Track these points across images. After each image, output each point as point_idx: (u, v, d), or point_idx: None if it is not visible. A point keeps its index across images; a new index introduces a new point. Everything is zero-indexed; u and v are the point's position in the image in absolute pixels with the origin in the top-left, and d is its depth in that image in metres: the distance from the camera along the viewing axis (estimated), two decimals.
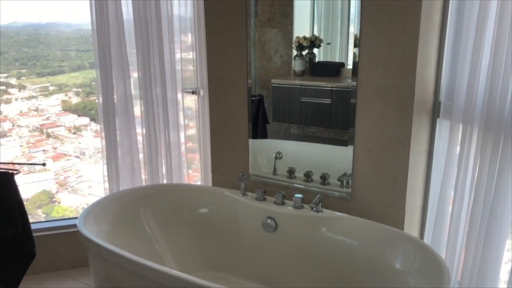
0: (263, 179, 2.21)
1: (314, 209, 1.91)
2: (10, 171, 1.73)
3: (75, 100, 3.36)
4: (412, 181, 1.84)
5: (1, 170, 1.69)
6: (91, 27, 2.17)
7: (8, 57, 3.12)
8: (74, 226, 2.41)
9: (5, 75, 3.12)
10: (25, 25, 3.10)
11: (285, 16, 2.12)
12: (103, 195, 3.27)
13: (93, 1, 2.12)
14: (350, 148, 1.95)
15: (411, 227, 1.90)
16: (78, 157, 3.41)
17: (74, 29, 3.21)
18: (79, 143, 3.40)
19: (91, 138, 3.41)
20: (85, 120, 3.39)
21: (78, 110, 3.37)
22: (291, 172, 2.16)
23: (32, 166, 2.97)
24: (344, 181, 2.00)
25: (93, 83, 3.36)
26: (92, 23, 2.16)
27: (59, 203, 3.35)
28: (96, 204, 1.95)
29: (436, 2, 1.72)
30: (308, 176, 2.12)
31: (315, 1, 2.07)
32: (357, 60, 1.83)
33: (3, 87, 3.13)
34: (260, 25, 2.09)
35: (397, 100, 1.77)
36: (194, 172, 2.58)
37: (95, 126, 3.40)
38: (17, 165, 2.01)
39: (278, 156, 2.19)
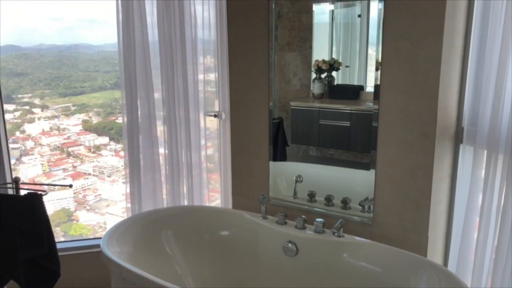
0: (284, 202, 2.21)
1: (336, 234, 1.90)
2: (39, 192, 1.77)
3: (95, 120, 3.42)
4: (435, 206, 1.82)
5: (31, 191, 1.73)
6: (118, 48, 2.23)
7: (33, 78, 3.21)
8: (96, 246, 2.45)
9: (30, 95, 3.20)
10: (50, 47, 3.19)
11: (304, 40, 2.16)
12: (119, 214, 3.31)
13: (120, 25, 2.18)
14: (371, 172, 1.95)
15: (434, 254, 1.88)
16: (96, 176, 3.45)
17: (96, 51, 3.30)
18: (98, 162, 3.45)
19: (110, 157, 3.46)
20: (105, 139, 3.45)
21: (98, 130, 3.43)
22: (311, 196, 2.16)
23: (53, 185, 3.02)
24: (366, 206, 1.99)
25: (113, 103, 3.43)
26: (119, 45, 2.22)
27: (77, 221, 3.38)
28: (119, 225, 1.97)
29: (458, 28, 1.73)
30: (329, 200, 2.11)
31: (334, 25, 2.10)
32: (378, 83, 1.85)
33: (27, 107, 3.20)
34: (280, 48, 2.13)
35: (419, 125, 1.77)
36: (214, 192, 2.59)
37: (114, 146, 3.45)
38: (45, 186, 2.05)
39: (298, 179, 2.20)
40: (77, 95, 3.33)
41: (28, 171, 3.23)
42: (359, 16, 2.02)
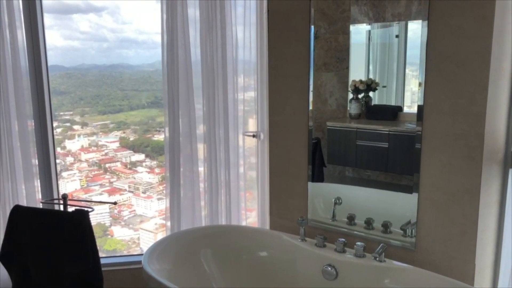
0: (322, 224, 2.19)
1: (377, 258, 1.86)
2: (85, 209, 1.82)
3: (132, 137, 3.51)
4: (482, 233, 1.76)
5: (78, 207, 1.79)
6: (162, 68, 2.31)
7: (75, 96, 3.33)
8: (136, 263, 2.49)
9: (71, 112, 3.32)
10: (91, 66, 3.31)
11: (341, 60, 2.16)
12: (152, 230, 3.35)
13: (164, 46, 2.26)
14: (413, 196, 1.90)
15: (482, 283, 1.81)
16: (132, 192, 3.51)
17: (135, 71, 3.39)
18: (134, 178, 3.52)
19: (145, 174, 3.52)
20: (141, 156, 3.52)
21: (135, 147, 3.51)
22: (351, 219, 2.13)
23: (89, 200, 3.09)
24: (408, 230, 1.94)
25: (149, 121, 3.51)
26: (163, 65, 2.29)
27: (112, 236, 3.44)
28: (159, 243, 2.00)
29: (506, 50, 1.70)
30: (369, 223, 2.08)
31: (371, 45, 2.09)
32: (421, 104, 1.82)
33: (68, 124, 3.32)
34: (316, 69, 2.14)
35: (465, 149, 1.73)
36: (250, 211, 2.60)
37: (149, 162, 3.52)
38: (91, 203, 2.11)
39: (337, 201, 2.18)
40: (116, 113, 3.43)
41: (67, 186, 3.32)
42: (397, 36, 2.02)
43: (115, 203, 2.03)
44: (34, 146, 2.38)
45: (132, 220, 3.46)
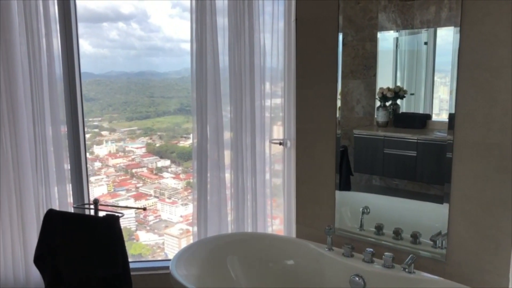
0: (349, 234, 2.16)
1: (407, 270, 1.82)
2: (116, 214, 1.85)
3: (158, 143, 3.56)
4: None
5: (109, 212, 1.82)
6: (191, 75, 2.34)
7: (103, 102, 3.40)
8: (161, 268, 2.52)
9: (99, 118, 3.39)
10: (119, 74, 3.38)
11: (368, 67, 2.14)
12: (177, 235, 3.38)
13: (194, 54, 2.30)
14: (444, 206, 1.86)
15: None
16: (157, 197, 3.55)
17: (162, 78, 3.45)
18: (159, 183, 3.56)
19: (170, 180, 3.56)
20: (167, 162, 3.56)
21: (161, 153, 3.56)
22: (379, 229, 2.10)
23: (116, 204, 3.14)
24: (438, 242, 1.90)
25: (175, 127, 3.56)
26: (192, 72, 2.33)
27: (137, 240, 3.48)
28: (186, 249, 2.01)
29: None
30: (397, 233, 2.04)
31: (398, 52, 2.07)
32: (452, 112, 1.79)
33: (96, 130, 3.39)
34: (343, 76, 2.13)
35: (499, 159, 1.69)
36: (276, 219, 2.59)
37: (175, 168, 3.56)
38: (122, 208, 2.15)
39: (365, 211, 2.15)
40: (142, 119, 3.49)
41: (94, 190, 3.39)
42: (426, 43, 1.99)
43: (144, 209, 2.07)
44: (66, 151, 2.44)
45: (157, 225, 3.50)
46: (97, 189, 3.40)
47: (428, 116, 1.99)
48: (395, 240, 2.04)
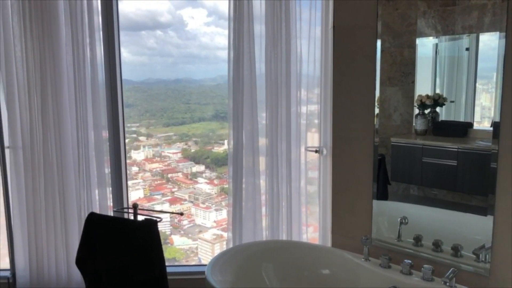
0: (387, 244, 2.11)
1: (448, 284, 1.76)
2: (154, 219, 1.90)
3: (193, 148, 3.61)
4: None
5: (148, 217, 1.87)
6: (228, 82, 2.37)
7: (141, 108, 3.49)
8: (195, 273, 2.55)
9: (137, 124, 3.48)
10: (157, 81, 3.47)
11: (406, 74, 2.10)
12: (210, 240, 3.41)
13: (231, 61, 2.33)
14: (488, 218, 1.79)
15: None
16: (192, 202, 3.60)
17: (197, 85, 3.51)
18: (194, 188, 3.61)
19: (204, 185, 3.60)
20: (201, 167, 3.61)
21: (196, 158, 3.61)
22: (417, 240, 2.04)
23: (153, 208, 3.21)
24: (481, 255, 1.82)
25: (210, 133, 3.61)
26: (229, 80, 2.36)
27: (172, 244, 3.54)
28: (222, 255, 2.03)
29: None
30: (437, 245, 1.98)
31: (438, 59, 2.02)
32: (497, 120, 1.72)
33: (134, 135, 3.48)
34: (380, 83, 2.10)
35: None
36: (311, 227, 2.58)
37: (209, 174, 3.60)
38: (160, 213, 2.19)
39: (403, 221, 2.10)
40: (178, 125, 3.56)
41: (131, 194, 3.48)
42: (467, 49, 1.93)
43: (181, 214, 2.11)
44: (107, 155, 2.52)
45: (191, 230, 3.54)
46: (134, 193, 3.49)
47: (469, 124, 1.93)
48: (434, 252, 1.98)
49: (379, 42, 2.07)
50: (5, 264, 2.63)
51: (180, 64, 3.38)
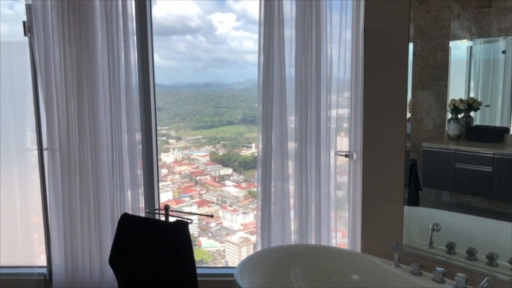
0: (418, 251, 2.07)
1: None
2: (186, 220, 1.93)
3: (221, 151, 3.65)
4: None
5: (179, 218, 1.90)
6: (257, 86, 2.38)
7: (171, 112, 3.56)
8: (224, 275, 2.57)
9: (167, 127, 3.54)
10: (186, 85, 3.52)
11: (438, 78, 2.06)
12: (237, 243, 3.42)
13: (261, 65, 2.35)
14: None
15: None
16: (219, 204, 3.63)
17: (226, 89, 3.54)
18: (221, 191, 3.64)
19: (232, 188, 3.63)
20: (229, 170, 3.64)
21: (224, 161, 3.64)
22: (450, 247, 1.99)
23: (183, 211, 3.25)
24: None
25: (238, 137, 3.63)
26: (258, 83, 2.37)
27: (199, 246, 3.57)
28: (250, 257, 2.04)
29: None
30: (471, 253, 1.92)
31: (472, 62, 1.97)
32: None
33: (164, 138, 3.55)
34: (412, 87, 2.06)
35: None
36: (340, 232, 2.56)
37: (236, 177, 3.62)
38: (190, 215, 2.23)
39: (435, 228, 2.05)
40: (207, 128, 3.61)
41: (161, 196, 3.54)
42: (504, 52, 1.88)
43: (211, 216, 2.13)
44: (139, 158, 2.58)
45: (218, 232, 3.57)
46: (163, 195, 3.55)
47: (505, 129, 1.88)
48: (468, 261, 1.92)
49: (411, 46, 2.05)
50: (42, 261, 2.74)
51: (209, 68, 3.43)
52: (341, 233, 2.53)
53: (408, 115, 2.09)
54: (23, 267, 2.73)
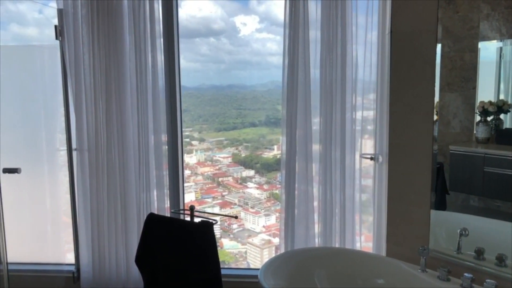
0: (445, 256, 2.03)
1: None
2: (211, 221, 1.94)
3: (244, 153, 3.66)
4: None
5: (204, 219, 1.92)
6: (282, 88, 2.39)
7: (194, 114, 3.59)
8: (247, 276, 2.58)
9: (190, 129, 3.58)
10: (209, 87, 3.55)
11: (467, 79, 2.02)
12: (259, 245, 3.42)
13: (286, 67, 2.35)
14: None
15: None
16: (241, 206, 3.64)
17: (249, 91, 3.55)
18: (243, 193, 3.65)
19: (254, 190, 3.64)
20: (251, 172, 3.65)
21: (246, 163, 3.65)
22: (479, 253, 1.95)
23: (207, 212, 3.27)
24: None
25: (260, 139, 3.64)
26: (283, 85, 2.37)
27: (221, 247, 3.59)
28: (274, 259, 2.04)
29: None
30: (501, 259, 1.87)
31: (502, 63, 1.93)
32: None
33: (187, 139, 3.58)
34: (439, 89, 2.03)
35: None
36: (364, 235, 2.53)
37: (258, 179, 3.63)
38: (215, 216, 2.25)
39: (463, 233, 2.01)
40: (230, 130, 3.63)
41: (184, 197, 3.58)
42: None
43: (236, 217, 2.14)
44: (164, 158, 2.61)
45: (240, 234, 3.58)
46: (186, 196, 3.59)
47: None
48: (498, 267, 1.88)
49: (439, 47, 2.01)
50: (68, 259, 2.81)
51: (233, 70, 3.45)
52: (364, 236, 2.51)
53: (435, 117, 2.06)
54: (52, 264, 2.80)
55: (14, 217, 2.62)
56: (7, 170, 2.33)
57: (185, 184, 3.57)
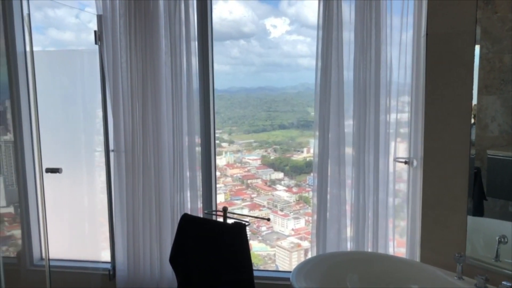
0: (482, 263, 1.98)
1: None
2: (244, 223, 1.96)
3: (273, 156, 3.67)
4: None
5: (237, 220, 1.94)
6: (314, 91, 2.37)
7: (224, 116, 3.62)
8: (276, 278, 2.59)
9: (220, 131, 3.61)
10: (239, 89, 3.58)
11: (505, 82, 1.96)
12: (288, 248, 3.41)
13: (318, 69, 2.34)
14: None
15: None
16: (270, 208, 3.65)
17: (278, 93, 3.56)
18: (272, 195, 3.66)
19: (283, 192, 3.63)
20: (280, 174, 3.65)
21: (275, 165, 3.65)
22: None
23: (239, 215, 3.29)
24: None
25: (289, 141, 3.63)
26: (316, 88, 2.36)
27: (251, 250, 3.60)
28: (306, 262, 2.04)
29: None
30: None
31: None
32: None
33: (217, 141, 3.62)
34: (477, 92, 1.98)
35: None
36: (398, 241, 2.50)
37: (287, 181, 3.62)
38: (247, 217, 2.27)
39: (502, 240, 1.95)
40: (259, 132, 3.64)
41: None
42: None
43: (268, 219, 2.16)
44: (198, 160, 2.65)
45: (269, 236, 3.59)
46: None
47: None
48: None
49: (477, 48, 1.97)
50: (103, 257, 2.89)
51: (263, 72, 3.46)
52: (396, 242, 2.47)
53: (472, 120, 2.01)
54: (90, 262, 2.89)
55: (56, 215, 2.72)
56: (49, 170, 2.42)
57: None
